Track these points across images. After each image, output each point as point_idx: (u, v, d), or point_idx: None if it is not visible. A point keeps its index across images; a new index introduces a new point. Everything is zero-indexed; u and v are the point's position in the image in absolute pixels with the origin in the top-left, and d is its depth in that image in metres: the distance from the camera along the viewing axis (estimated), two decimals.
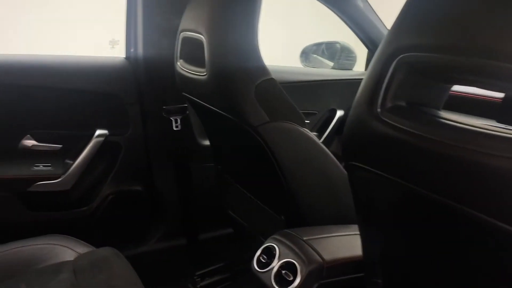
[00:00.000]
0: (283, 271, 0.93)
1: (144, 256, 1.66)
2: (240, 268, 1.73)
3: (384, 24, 1.91)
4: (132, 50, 1.54)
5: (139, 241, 1.69)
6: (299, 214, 1.17)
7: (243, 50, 1.05)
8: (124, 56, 1.57)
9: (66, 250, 1.24)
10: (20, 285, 1.11)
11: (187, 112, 1.58)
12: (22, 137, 1.44)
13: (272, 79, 1.08)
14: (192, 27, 1.13)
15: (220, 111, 1.14)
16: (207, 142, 1.66)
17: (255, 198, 1.35)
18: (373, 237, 0.81)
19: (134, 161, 1.62)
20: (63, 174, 1.48)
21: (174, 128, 1.55)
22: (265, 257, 0.99)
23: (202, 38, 1.07)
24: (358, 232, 0.82)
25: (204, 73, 1.09)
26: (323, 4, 1.79)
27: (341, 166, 1.17)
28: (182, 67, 1.24)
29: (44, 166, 1.48)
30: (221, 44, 1.05)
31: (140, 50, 1.50)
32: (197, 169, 1.69)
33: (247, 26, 1.04)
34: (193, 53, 1.17)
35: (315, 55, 2.20)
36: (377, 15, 1.89)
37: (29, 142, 1.45)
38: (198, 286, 1.67)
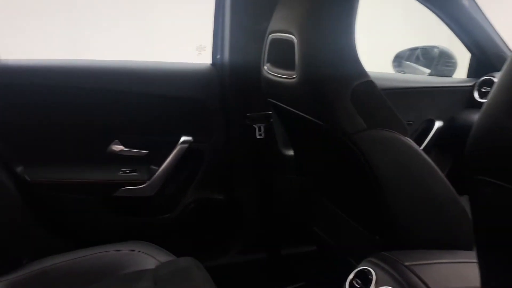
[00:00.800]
0: None
1: (223, 268, 1.61)
2: None
3: (493, 27, 1.70)
4: (218, 56, 1.52)
5: (219, 252, 1.65)
6: (398, 235, 1.04)
7: (339, 49, 0.95)
8: (210, 62, 1.55)
9: (148, 258, 1.23)
10: None
11: (271, 120, 1.51)
12: (111, 141, 1.47)
13: (370, 81, 0.97)
14: (283, 28, 1.06)
15: (309, 117, 1.05)
16: (291, 152, 1.58)
17: (344, 214, 1.23)
18: (498, 268, 0.67)
19: (216, 169, 1.58)
20: (148, 180, 1.48)
21: (258, 136, 1.49)
22: (359, 281, 0.88)
23: (293, 38, 1.00)
24: (471, 260, 0.71)
25: (294, 76, 1.01)
26: (422, 4, 1.63)
27: (448, 183, 1.02)
28: (269, 70, 1.18)
29: (130, 171, 1.50)
30: (314, 43, 0.96)
31: (226, 56, 1.47)
32: (280, 180, 1.61)
33: (343, 24, 0.95)
34: (282, 55, 1.09)
35: (408, 62, 2.04)
36: (486, 16, 1.68)
37: (117, 147, 1.47)
38: None
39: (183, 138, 1.50)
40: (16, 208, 1.42)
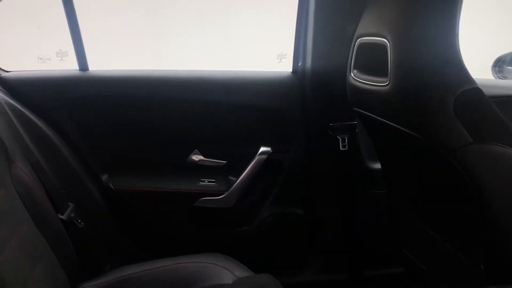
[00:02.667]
0: None
1: (301, 286, 1.54)
2: None
3: None
4: (299, 64, 1.45)
5: (297, 269, 1.57)
6: (509, 267, 0.89)
7: (441, 53, 0.84)
8: (291, 70, 1.49)
9: (225, 272, 1.21)
10: None
11: (356, 130, 1.41)
12: (191, 151, 1.46)
13: (477, 89, 0.84)
14: (373, 31, 0.97)
15: (403, 129, 0.94)
16: (377, 166, 1.46)
17: (440, 238, 1.10)
18: None
19: (295, 181, 1.51)
20: (227, 190, 1.46)
21: (341, 148, 1.39)
22: None
23: (386, 41, 0.90)
24: None
25: (386, 83, 0.91)
26: None
27: None
28: (356, 77, 1.09)
29: (209, 181, 1.48)
30: (411, 46, 0.86)
31: (309, 63, 1.39)
32: (365, 196, 1.50)
33: (446, 24, 0.84)
34: (371, 61, 1.00)
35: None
36: None
37: (197, 157, 1.47)
38: None
39: (262, 149, 1.45)
40: (101, 215, 1.47)
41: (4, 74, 1.40)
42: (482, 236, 0.91)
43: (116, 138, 1.45)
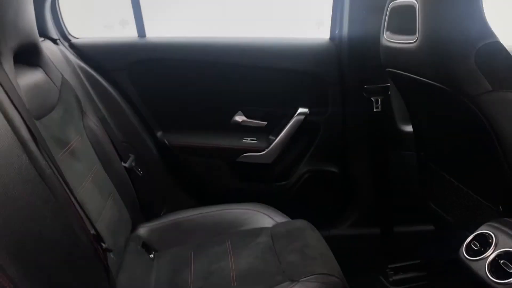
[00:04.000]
0: (501, 261, 0.78)
1: (335, 238, 1.66)
2: (439, 270, 1.56)
3: None
4: (337, 31, 1.56)
5: (331, 223, 1.69)
6: None
7: (463, 10, 0.93)
8: (329, 37, 1.59)
9: (265, 217, 1.34)
10: (226, 241, 1.25)
11: (389, 92, 1.51)
12: (235, 112, 1.61)
13: (497, 42, 0.92)
14: None
15: (431, 81, 1.03)
16: (408, 128, 1.55)
17: (465, 188, 1.19)
18: None
19: (331, 141, 1.62)
20: (267, 148, 1.60)
21: (374, 109, 1.49)
22: (477, 244, 0.86)
23: (415, 2, 0.99)
24: None
25: (414, 40, 1.01)
26: None
27: None
28: (388, 38, 1.18)
29: (251, 139, 1.62)
30: (437, 4, 0.95)
31: (345, 30, 1.50)
32: (396, 156, 1.59)
33: None
34: (402, 22, 1.10)
35: None
36: None
37: (240, 118, 1.61)
38: (391, 279, 1.57)
39: (300, 110, 1.58)
40: (158, 167, 1.65)
41: (74, 40, 1.59)
42: (501, 179, 0.99)
43: (170, 98, 1.62)
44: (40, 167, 0.84)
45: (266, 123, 1.61)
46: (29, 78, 1.03)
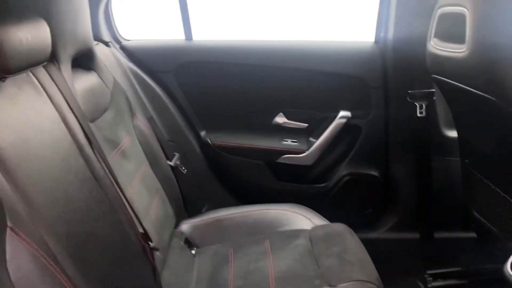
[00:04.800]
0: None
1: (374, 242, 1.65)
2: (480, 278, 1.53)
3: None
4: (382, 34, 1.54)
5: (370, 226, 1.69)
6: None
7: None
8: (374, 40, 1.58)
9: (304, 219, 1.36)
10: (265, 241, 1.28)
11: (434, 98, 1.48)
12: (276, 114, 1.63)
13: None
14: (454, 1, 1.04)
15: (480, 93, 1.01)
16: (452, 134, 1.52)
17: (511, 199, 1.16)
18: None
19: (372, 145, 1.62)
20: (307, 150, 1.61)
21: (418, 115, 1.47)
22: None
23: (465, 10, 0.97)
24: None
25: (464, 50, 0.99)
26: None
27: None
28: (436, 45, 1.16)
29: (291, 141, 1.64)
30: (488, 15, 0.93)
31: (391, 33, 1.48)
32: (439, 162, 1.57)
33: None
34: (451, 30, 1.08)
35: None
36: None
37: (281, 119, 1.64)
38: (429, 285, 1.55)
39: (341, 113, 1.58)
40: (201, 166, 1.70)
41: (125, 42, 1.66)
42: None
43: (214, 99, 1.67)
44: (95, 169, 0.90)
45: (307, 125, 1.63)
46: (85, 82, 1.10)
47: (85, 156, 0.89)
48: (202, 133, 1.70)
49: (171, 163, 1.48)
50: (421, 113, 1.46)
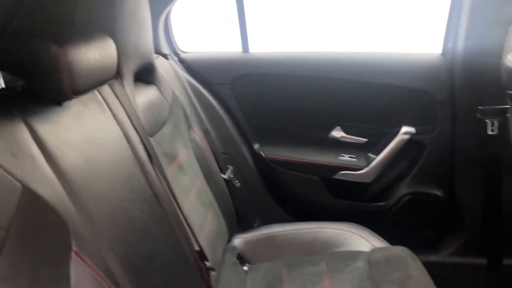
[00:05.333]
0: None
1: (435, 265, 1.55)
2: None
3: None
4: (450, 45, 1.44)
5: (432, 249, 1.59)
6: None
7: None
8: (440, 52, 1.48)
9: (362, 240, 1.29)
10: (321, 262, 1.23)
11: (508, 115, 1.36)
12: (333, 127, 1.58)
13: None
14: None
15: None
16: None
17: None
18: None
19: (437, 163, 1.52)
20: (366, 167, 1.54)
21: (489, 132, 1.36)
22: None
23: None
24: None
25: None
26: None
27: None
28: None
29: (349, 157, 1.58)
30: None
31: (460, 45, 1.38)
32: (510, 182, 1.45)
33: None
34: None
35: None
36: None
37: (338, 133, 1.58)
38: None
39: (404, 129, 1.50)
40: (254, 179, 1.68)
41: (183, 55, 1.67)
42: None
43: (269, 112, 1.64)
44: (154, 186, 0.89)
45: (366, 140, 1.56)
46: (145, 96, 1.10)
47: (146, 172, 0.88)
48: (256, 146, 1.67)
49: (225, 176, 1.46)
50: (492, 131, 1.36)
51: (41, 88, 0.65)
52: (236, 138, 1.64)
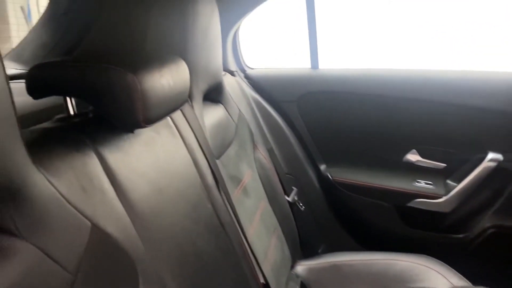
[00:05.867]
0: None
1: None
2: None
3: None
4: None
5: None
6: None
7: None
8: None
9: (439, 276, 1.18)
10: None
11: None
12: (408, 151, 1.46)
13: None
14: None
15: None
16: None
17: None
18: None
19: None
20: (445, 195, 1.40)
21: None
22: None
23: None
24: None
25: None
26: None
27: None
28: None
29: (425, 183, 1.45)
30: None
31: None
32: None
33: None
34: None
35: None
36: None
37: (414, 157, 1.45)
38: None
39: (491, 155, 1.34)
40: (319, 202, 1.59)
41: (249, 71, 1.63)
42: None
43: (337, 131, 1.55)
44: (221, 215, 0.84)
45: (444, 165, 1.42)
46: (213, 117, 1.06)
47: (213, 199, 0.83)
48: (322, 167, 1.58)
49: (289, 199, 1.39)
50: None
51: (113, 116, 0.62)
52: (301, 158, 1.56)
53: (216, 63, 1.05)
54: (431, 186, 1.44)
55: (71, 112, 0.65)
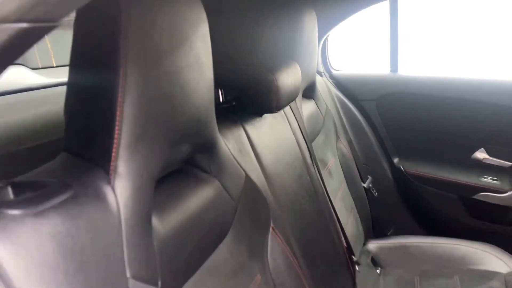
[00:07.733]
0: None
1: None
2: None
3: None
4: None
5: None
6: None
7: None
8: None
9: (498, 262, 1.31)
10: (454, 276, 1.29)
11: None
12: (476, 149, 1.60)
13: None
14: None
15: None
16: None
17: None
18: None
19: None
20: (510, 190, 1.53)
21: None
22: None
23: None
24: None
25: None
26: None
27: None
28: None
29: (492, 179, 1.58)
30: None
31: None
32: None
33: None
34: None
35: None
36: None
37: (482, 155, 1.59)
38: None
39: None
40: (391, 191, 1.78)
41: (334, 72, 1.86)
42: None
43: (411, 129, 1.72)
44: (316, 186, 1.08)
45: (511, 164, 1.55)
46: (307, 109, 1.30)
47: (310, 173, 1.07)
48: (395, 160, 1.77)
49: (365, 185, 1.60)
50: None
51: (252, 103, 0.88)
52: (377, 151, 1.76)
53: (313, 66, 1.29)
54: (497, 182, 1.58)
55: (221, 100, 0.93)
